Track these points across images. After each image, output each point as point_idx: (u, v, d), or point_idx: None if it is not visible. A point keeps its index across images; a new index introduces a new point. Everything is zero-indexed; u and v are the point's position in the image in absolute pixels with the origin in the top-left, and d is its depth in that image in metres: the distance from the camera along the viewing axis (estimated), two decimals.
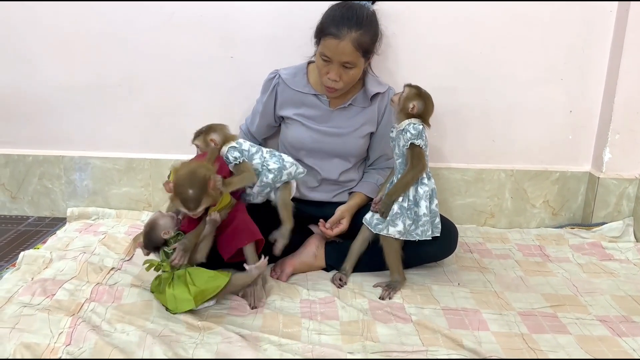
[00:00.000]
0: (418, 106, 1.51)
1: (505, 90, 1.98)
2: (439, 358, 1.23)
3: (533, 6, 1.88)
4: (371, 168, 1.82)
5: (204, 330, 1.30)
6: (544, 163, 2.07)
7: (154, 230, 1.39)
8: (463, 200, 2.08)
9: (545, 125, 2.02)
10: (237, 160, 1.51)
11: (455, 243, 1.67)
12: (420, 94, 1.52)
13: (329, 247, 1.68)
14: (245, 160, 1.52)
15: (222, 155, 1.52)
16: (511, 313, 1.44)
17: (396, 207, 1.52)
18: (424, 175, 1.53)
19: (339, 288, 1.55)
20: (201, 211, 1.36)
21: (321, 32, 1.57)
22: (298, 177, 1.62)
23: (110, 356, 1.17)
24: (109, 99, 2.01)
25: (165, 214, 1.42)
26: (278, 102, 1.74)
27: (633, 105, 1.93)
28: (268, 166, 1.55)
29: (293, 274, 1.62)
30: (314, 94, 1.70)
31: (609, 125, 1.95)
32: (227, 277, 1.39)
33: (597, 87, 1.98)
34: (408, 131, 1.50)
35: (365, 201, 1.72)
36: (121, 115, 2.03)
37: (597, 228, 2.00)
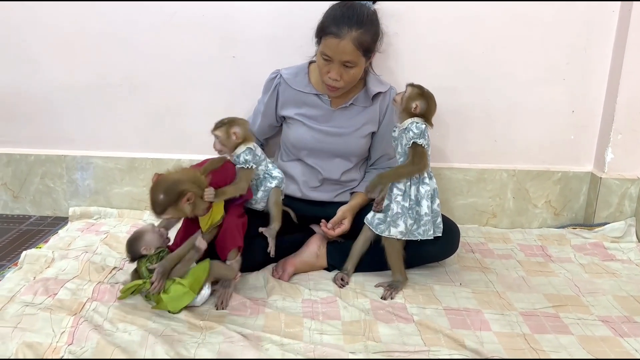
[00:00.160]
0: (421, 106, 1.50)
1: (507, 90, 1.98)
2: (441, 358, 1.23)
3: (535, 6, 1.88)
4: (373, 168, 1.81)
5: (206, 329, 1.30)
6: (546, 163, 2.07)
7: (137, 242, 1.42)
8: (465, 200, 2.08)
9: (547, 125, 2.02)
10: (247, 164, 1.51)
11: (457, 243, 1.67)
12: (423, 94, 1.52)
13: (331, 247, 1.68)
14: (252, 167, 1.52)
15: (235, 153, 1.52)
16: (513, 313, 1.44)
17: (397, 207, 1.52)
18: (426, 174, 1.53)
19: (341, 288, 1.55)
20: (166, 217, 1.36)
21: (322, 32, 1.57)
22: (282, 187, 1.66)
23: (112, 356, 1.17)
24: (111, 99, 2.01)
25: (154, 230, 1.45)
26: (279, 102, 1.74)
27: (635, 105, 1.93)
28: (272, 174, 1.60)
29: (295, 274, 1.62)
30: (315, 94, 1.70)
31: (611, 125, 1.95)
32: (207, 261, 1.41)
33: (600, 87, 1.98)
34: (411, 130, 1.50)
35: (366, 201, 1.71)
36: (123, 114, 2.04)
37: (599, 228, 1.99)
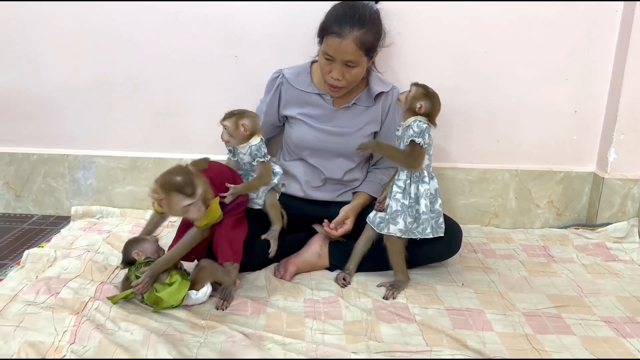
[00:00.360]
0: (425, 106, 1.50)
1: (509, 90, 1.97)
2: (443, 358, 1.23)
3: (538, 6, 1.88)
4: (375, 167, 1.81)
5: (208, 329, 1.30)
6: (549, 163, 2.06)
7: (134, 245, 1.44)
8: (467, 200, 2.08)
9: (549, 125, 2.02)
10: (265, 158, 1.57)
11: (459, 243, 1.67)
12: (427, 94, 1.51)
13: (333, 247, 1.68)
14: (269, 158, 1.58)
15: (249, 144, 1.55)
16: (515, 313, 1.44)
17: (397, 205, 1.51)
18: (426, 174, 1.53)
19: (343, 288, 1.55)
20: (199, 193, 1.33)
21: (324, 31, 1.57)
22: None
23: (114, 355, 1.17)
24: (113, 98, 2.02)
25: (155, 242, 1.46)
26: (282, 102, 1.74)
27: (638, 105, 1.92)
28: (274, 170, 1.64)
29: (297, 274, 1.62)
30: (318, 94, 1.70)
31: (614, 125, 1.95)
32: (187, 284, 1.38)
33: (602, 87, 1.98)
34: (411, 128, 1.49)
35: (369, 201, 1.71)
36: (125, 114, 2.04)
37: (602, 228, 1.99)
